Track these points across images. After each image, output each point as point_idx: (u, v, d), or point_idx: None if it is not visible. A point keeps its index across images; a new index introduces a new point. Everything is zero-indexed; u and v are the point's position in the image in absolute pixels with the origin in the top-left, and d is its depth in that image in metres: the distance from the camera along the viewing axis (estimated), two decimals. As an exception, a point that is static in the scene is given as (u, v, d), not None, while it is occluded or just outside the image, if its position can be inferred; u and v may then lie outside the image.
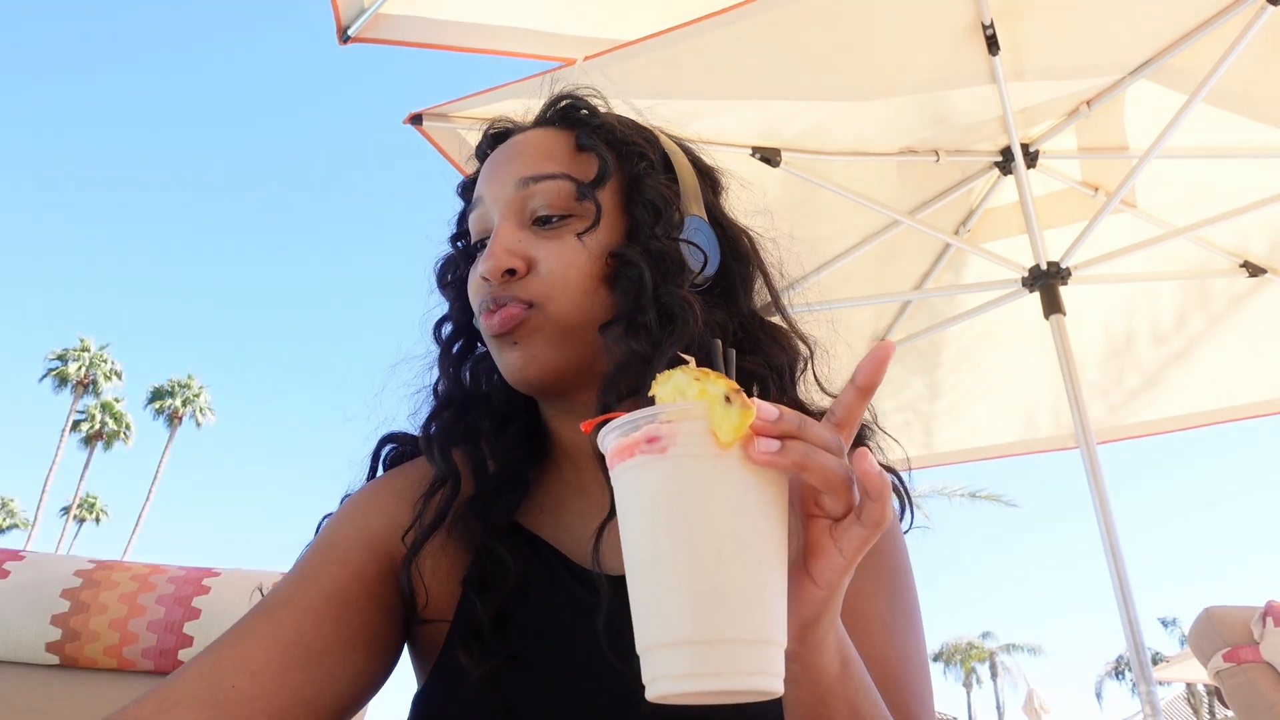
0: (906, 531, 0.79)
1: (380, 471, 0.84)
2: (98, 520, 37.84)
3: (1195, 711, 26.19)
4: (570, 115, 0.82)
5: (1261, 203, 2.60)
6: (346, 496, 0.81)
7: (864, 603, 0.70)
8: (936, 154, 2.84)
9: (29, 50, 78.48)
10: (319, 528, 0.79)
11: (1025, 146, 2.88)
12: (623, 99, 0.90)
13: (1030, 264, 2.68)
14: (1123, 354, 3.37)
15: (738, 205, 0.87)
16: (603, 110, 0.83)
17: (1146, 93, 2.69)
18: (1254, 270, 3.04)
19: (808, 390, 0.81)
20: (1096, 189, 3.06)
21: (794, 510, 0.50)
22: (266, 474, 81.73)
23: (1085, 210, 3.01)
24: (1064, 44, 2.57)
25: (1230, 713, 2.26)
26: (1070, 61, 2.63)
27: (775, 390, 0.76)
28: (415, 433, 0.83)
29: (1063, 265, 2.63)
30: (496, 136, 0.85)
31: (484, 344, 0.81)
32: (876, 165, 2.84)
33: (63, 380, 34.17)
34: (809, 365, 0.81)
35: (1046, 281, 2.63)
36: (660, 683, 0.44)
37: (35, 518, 32.06)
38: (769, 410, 0.46)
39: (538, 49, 2.37)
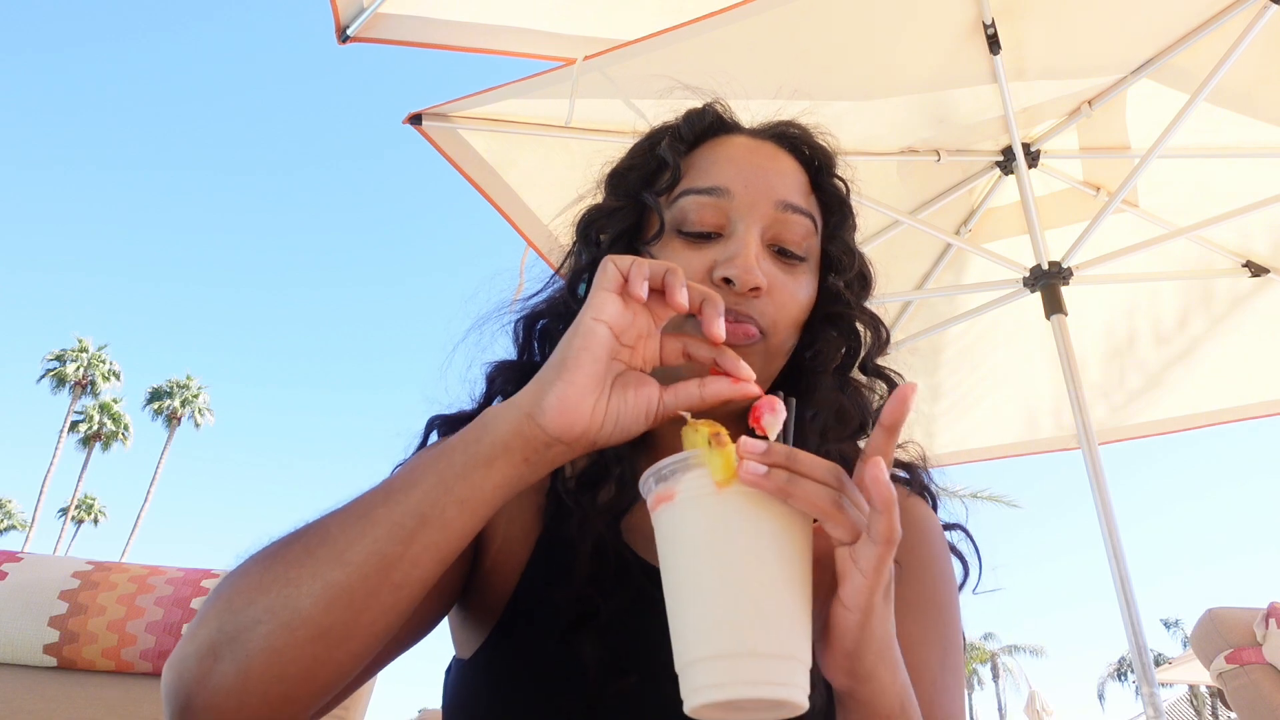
0: (975, 592, 0.80)
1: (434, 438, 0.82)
2: (96, 521, 37.86)
3: (1198, 713, 26.16)
4: (808, 151, 0.83)
5: (1264, 202, 2.59)
6: (403, 463, 0.79)
7: (915, 653, 0.69)
8: (937, 154, 2.84)
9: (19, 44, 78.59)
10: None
11: (1026, 146, 2.87)
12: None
13: (1031, 264, 2.67)
14: (1125, 354, 3.36)
15: None
16: (838, 158, 0.85)
17: (1148, 92, 2.68)
18: (1256, 270, 3.04)
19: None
20: (1098, 189, 3.06)
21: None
22: (265, 475, 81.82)
23: (1087, 210, 3.01)
24: (1065, 43, 2.56)
25: (1233, 714, 2.25)
26: (1072, 61, 2.62)
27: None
28: (465, 410, 0.81)
29: (1064, 265, 2.62)
30: (723, 123, 0.85)
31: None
32: (877, 165, 2.84)
33: (61, 381, 34.18)
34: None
35: (1048, 281, 2.62)
36: (691, 695, 0.49)
37: (33, 519, 32.06)
38: (755, 445, 0.51)
39: (537, 49, 2.36)
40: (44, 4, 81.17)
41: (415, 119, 2.34)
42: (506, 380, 0.81)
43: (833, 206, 0.81)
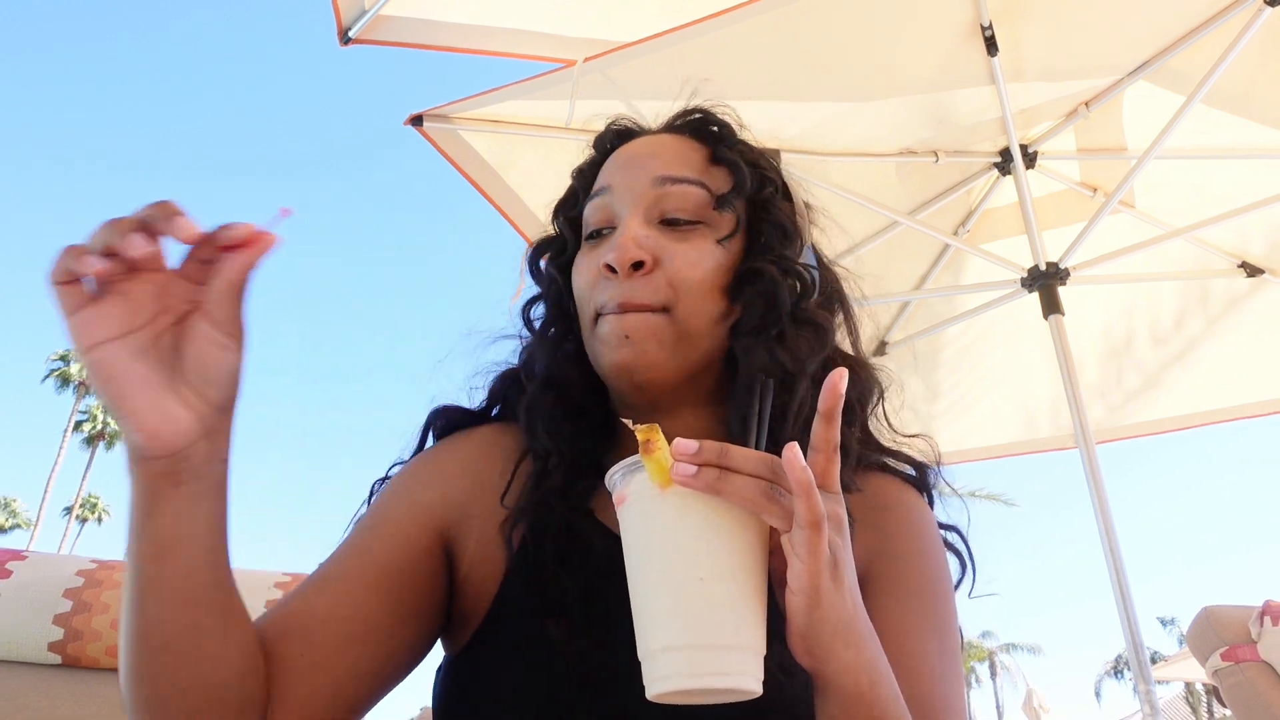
0: (970, 596, 0.80)
1: (430, 442, 0.84)
2: (100, 520, 37.85)
3: (1194, 710, 26.20)
4: (704, 129, 0.84)
5: (1260, 203, 2.60)
6: (397, 463, 0.82)
7: (912, 642, 0.69)
8: (936, 155, 2.85)
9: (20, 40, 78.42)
10: (371, 493, 0.80)
11: (1024, 147, 2.88)
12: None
13: (1029, 264, 2.68)
14: (1122, 354, 3.37)
15: (823, 241, 0.90)
16: (735, 129, 0.85)
17: (1145, 94, 2.69)
18: (1252, 270, 3.05)
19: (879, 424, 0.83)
20: (1095, 189, 3.06)
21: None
22: (266, 474, 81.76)
23: (1084, 211, 3.01)
24: (1063, 45, 2.57)
25: (1228, 712, 2.26)
26: (1069, 62, 2.63)
27: (859, 414, 0.79)
28: (465, 407, 0.84)
29: (1062, 266, 2.63)
30: (623, 132, 0.87)
31: (575, 330, 0.81)
32: (876, 166, 2.85)
33: (65, 381, 34.18)
34: (882, 400, 0.83)
35: (1045, 282, 2.63)
36: (649, 684, 0.52)
37: (38, 518, 32.09)
38: (687, 446, 0.51)
39: (537, 50, 2.37)
40: (44, 4, 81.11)
41: (416, 120, 2.35)
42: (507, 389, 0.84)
43: (736, 172, 0.79)
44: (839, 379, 0.54)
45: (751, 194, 0.79)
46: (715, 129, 0.84)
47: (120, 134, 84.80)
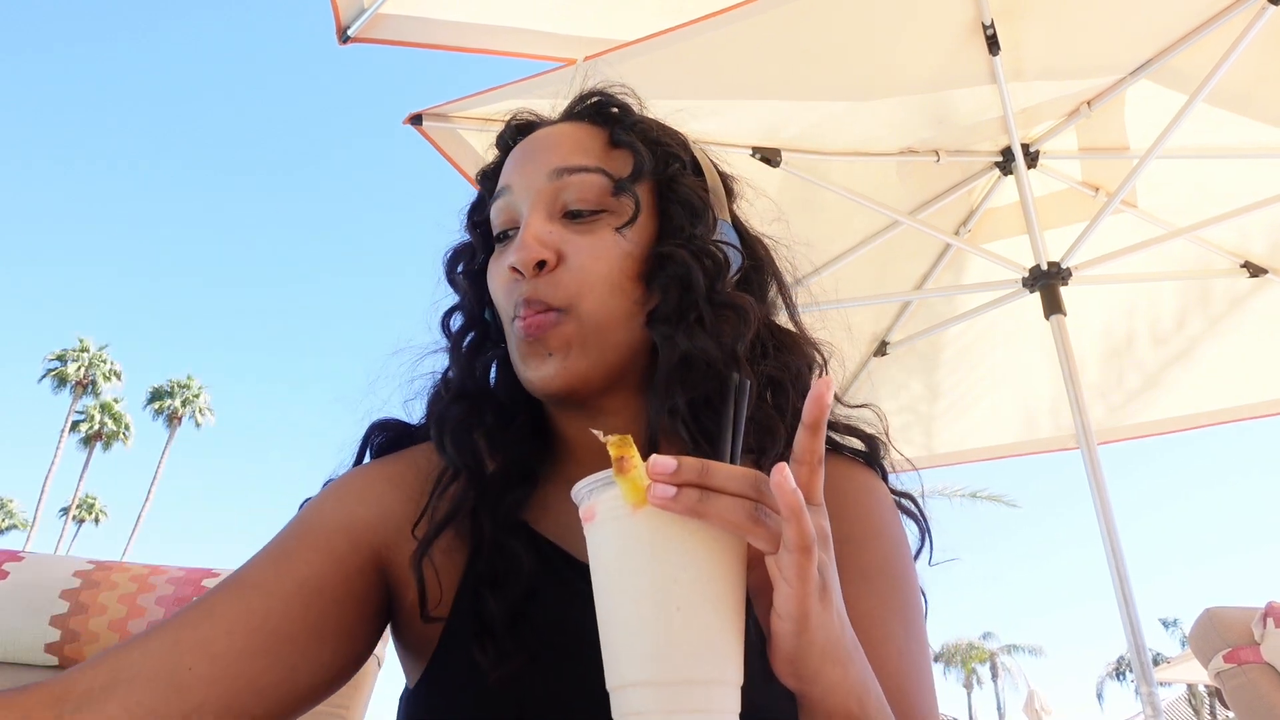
0: (931, 564, 0.77)
1: (368, 458, 0.81)
2: (97, 521, 37.88)
3: (1196, 712, 26.20)
4: (602, 111, 0.80)
5: (1262, 203, 2.60)
6: (330, 481, 0.78)
7: (877, 627, 0.68)
8: (937, 154, 2.84)
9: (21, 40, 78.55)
10: (300, 509, 0.75)
11: (1026, 146, 2.88)
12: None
13: (1031, 264, 2.68)
14: (1123, 354, 3.36)
15: (751, 212, 0.87)
16: (635, 108, 0.82)
17: (1147, 93, 2.69)
18: (1255, 270, 3.04)
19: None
20: (1097, 189, 3.06)
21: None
22: (265, 474, 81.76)
23: (1086, 210, 3.01)
24: (1064, 44, 2.57)
25: (1231, 714, 2.25)
26: (1071, 61, 2.63)
27: (794, 394, 0.75)
28: (407, 421, 0.81)
29: (1063, 265, 2.63)
30: (522, 127, 0.83)
31: (496, 337, 0.78)
32: (877, 165, 2.84)
33: (62, 381, 34.20)
34: (824, 372, 0.79)
35: (1047, 282, 2.63)
36: (622, 718, 0.48)
37: (34, 518, 32.08)
38: (665, 464, 0.47)
39: (537, 49, 2.37)
40: (44, 4, 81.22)
41: (416, 119, 2.34)
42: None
43: (635, 153, 0.76)
44: (825, 389, 0.50)
45: (655, 174, 0.76)
46: (614, 110, 0.80)
47: (120, 134, 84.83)
